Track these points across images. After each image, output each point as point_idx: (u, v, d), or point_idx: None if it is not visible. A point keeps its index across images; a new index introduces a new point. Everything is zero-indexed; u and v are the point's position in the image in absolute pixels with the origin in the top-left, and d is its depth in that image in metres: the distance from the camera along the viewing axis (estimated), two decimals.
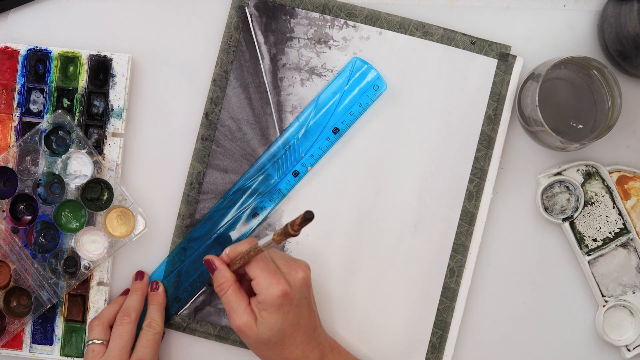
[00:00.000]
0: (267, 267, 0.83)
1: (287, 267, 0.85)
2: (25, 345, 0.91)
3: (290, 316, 0.83)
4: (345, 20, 0.92)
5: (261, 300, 0.82)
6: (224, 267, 0.85)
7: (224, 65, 0.91)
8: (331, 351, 0.87)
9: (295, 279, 0.84)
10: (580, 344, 0.93)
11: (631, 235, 0.92)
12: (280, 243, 0.79)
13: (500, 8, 0.93)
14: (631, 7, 0.85)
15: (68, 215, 0.91)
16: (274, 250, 0.86)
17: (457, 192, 0.92)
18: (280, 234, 0.77)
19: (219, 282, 0.85)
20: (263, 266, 0.83)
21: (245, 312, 0.83)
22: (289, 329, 0.83)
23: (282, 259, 0.85)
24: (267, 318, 0.82)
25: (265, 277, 0.82)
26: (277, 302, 0.82)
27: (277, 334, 0.83)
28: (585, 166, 0.91)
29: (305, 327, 0.84)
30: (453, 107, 0.92)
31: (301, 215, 0.74)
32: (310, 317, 0.85)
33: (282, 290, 0.82)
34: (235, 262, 0.85)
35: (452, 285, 0.92)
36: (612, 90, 0.86)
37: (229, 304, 0.84)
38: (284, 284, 0.82)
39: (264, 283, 0.82)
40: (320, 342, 0.86)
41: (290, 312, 0.83)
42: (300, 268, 0.85)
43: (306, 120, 0.91)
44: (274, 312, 0.82)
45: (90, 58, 0.91)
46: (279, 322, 0.82)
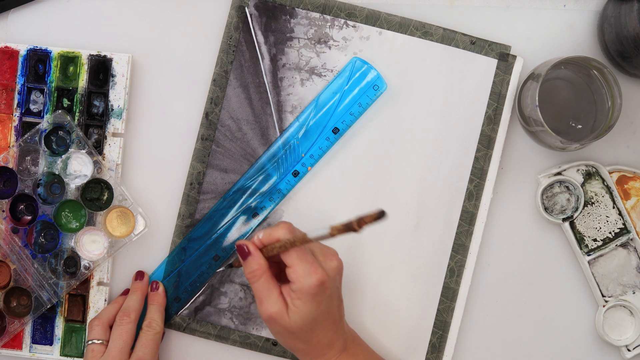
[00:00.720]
0: (305, 256, 0.80)
1: (322, 255, 0.83)
2: (25, 345, 0.91)
3: (323, 305, 0.81)
4: (345, 20, 0.92)
5: (297, 288, 0.80)
6: (258, 254, 0.82)
7: (224, 65, 0.91)
8: (353, 342, 0.86)
9: (330, 268, 0.82)
10: (580, 344, 0.93)
11: (631, 235, 0.92)
12: (335, 237, 0.76)
13: (500, 8, 0.93)
14: (631, 7, 0.85)
15: (68, 215, 0.91)
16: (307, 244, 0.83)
17: (457, 192, 0.92)
18: (341, 229, 0.75)
19: (252, 269, 0.82)
20: (301, 254, 0.80)
21: (278, 300, 0.81)
22: (320, 318, 0.81)
23: (317, 246, 0.83)
24: (301, 307, 0.80)
25: (303, 265, 0.80)
26: (313, 291, 0.80)
27: (309, 323, 0.81)
28: (585, 166, 0.91)
29: (334, 316, 0.83)
30: (453, 107, 0.92)
31: (374, 214, 0.72)
32: (339, 306, 0.84)
33: (319, 280, 0.80)
34: (271, 249, 0.82)
35: (452, 285, 0.92)
36: (612, 90, 0.86)
37: (261, 291, 0.82)
38: (322, 273, 0.80)
39: (302, 272, 0.80)
40: (344, 332, 0.85)
41: (323, 301, 0.81)
42: (334, 256, 0.83)
43: (306, 120, 0.91)
44: (308, 301, 0.80)
45: (90, 58, 0.91)
46: (312, 311, 0.81)
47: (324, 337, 0.83)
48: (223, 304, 0.92)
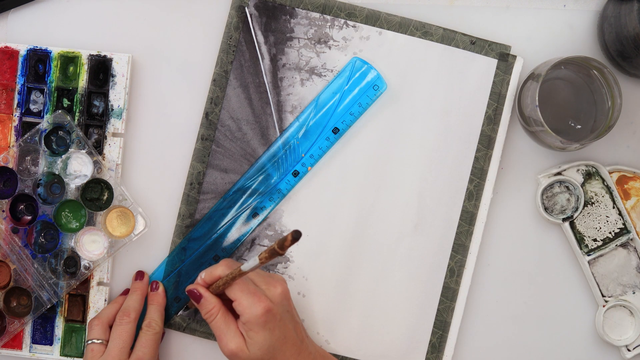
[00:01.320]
0: (246, 287, 0.83)
1: (265, 283, 0.85)
2: (25, 345, 0.91)
3: (277, 332, 0.83)
4: (345, 20, 0.92)
5: (246, 320, 0.83)
6: (209, 294, 0.86)
7: (224, 65, 0.91)
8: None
9: (275, 294, 0.84)
10: (580, 344, 0.93)
11: (631, 235, 0.92)
12: (264, 264, 0.79)
13: (500, 8, 0.93)
14: (631, 7, 0.85)
15: (68, 215, 0.91)
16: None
17: (457, 192, 0.92)
18: (268, 256, 0.77)
19: (207, 309, 0.85)
20: (243, 287, 0.83)
21: (236, 335, 0.84)
22: (278, 344, 0.83)
23: (259, 276, 0.86)
24: (255, 338, 0.83)
25: (246, 297, 0.83)
26: (261, 320, 0.82)
27: (267, 352, 0.83)
28: (585, 166, 0.91)
29: (293, 339, 0.84)
30: (453, 107, 0.92)
31: (289, 236, 0.74)
32: (295, 329, 0.85)
33: (264, 308, 0.82)
34: (216, 287, 0.85)
35: (452, 285, 0.92)
36: (612, 90, 0.86)
37: (219, 329, 0.84)
38: (265, 301, 0.83)
39: (246, 303, 0.83)
40: (310, 353, 0.86)
41: (276, 327, 0.83)
42: (278, 282, 0.85)
43: (306, 120, 0.92)
44: (260, 331, 0.83)
45: (90, 58, 0.91)
46: (267, 339, 0.83)
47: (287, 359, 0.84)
48: None
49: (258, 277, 0.86)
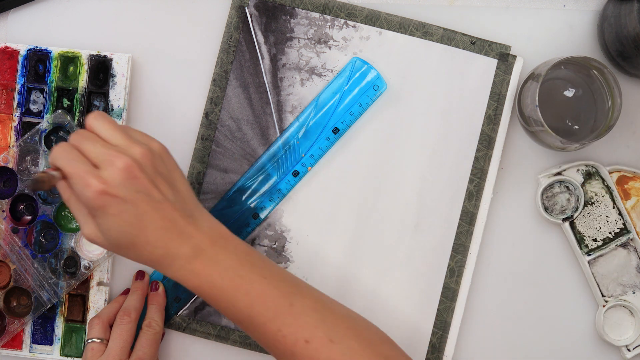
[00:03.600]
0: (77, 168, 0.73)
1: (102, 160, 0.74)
2: (25, 345, 0.91)
3: (126, 216, 0.73)
4: (345, 20, 0.92)
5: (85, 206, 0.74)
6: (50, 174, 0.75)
7: (224, 65, 0.91)
8: (213, 244, 0.76)
9: (112, 175, 0.73)
10: (580, 344, 0.93)
11: (631, 235, 0.92)
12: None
13: (500, 8, 0.93)
14: (631, 7, 0.85)
15: (68, 215, 0.91)
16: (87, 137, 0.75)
17: (457, 192, 0.92)
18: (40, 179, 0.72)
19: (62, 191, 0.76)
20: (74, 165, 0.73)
21: (88, 219, 0.75)
22: (131, 230, 0.73)
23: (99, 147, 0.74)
24: (102, 224, 0.73)
25: (75, 180, 0.73)
26: (98, 204, 0.72)
27: (122, 237, 0.74)
28: (585, 166, 0.91)
29: (155, 223, 0.74)
30: (453, 107, 0.92)
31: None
32: (158, 210, 0.74)
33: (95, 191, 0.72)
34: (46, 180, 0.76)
35: (452, 285, 0.92)
36: (612, 90, 0.86)
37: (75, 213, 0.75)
38: (96, 183, 0.72)
39: (77, 187, 0.73)
40: (193, 236, 0.76)
41: (124, 212, 0.73)
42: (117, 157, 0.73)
43: (306, 120, 0.92)
44: (103, 216, 0.73)
45: (90, 58, 0.91)
46: (114, 224, 0.73)
47: (155, 247, 0.74)
48: None
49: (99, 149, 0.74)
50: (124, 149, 0.75)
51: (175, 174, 0.78)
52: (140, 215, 0.74)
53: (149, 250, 0.75)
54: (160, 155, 0.77)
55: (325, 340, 0.76)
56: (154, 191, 0.75)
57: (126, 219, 0.73)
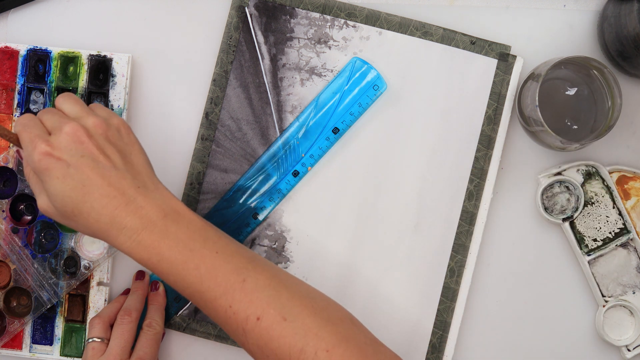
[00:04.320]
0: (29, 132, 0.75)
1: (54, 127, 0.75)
2: (25, 345, 0.91)
3: (69, 181, 0.73)
4: (345, 20, 0.92)
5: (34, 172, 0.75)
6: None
7: (224, 65, 0.91)
8: (164, 217, 0.75)
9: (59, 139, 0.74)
10: (580, 344, 0.93)
11: (631, 235, 0.92)
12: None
13: (500, 8, 0.93)
14: (631, 7, 0.85)
15: None
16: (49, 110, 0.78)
17: (457, 192, 0.92)
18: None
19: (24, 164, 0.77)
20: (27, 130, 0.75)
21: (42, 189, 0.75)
22: (76, 195, 0.73)
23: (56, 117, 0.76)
24: (48, 189, 0.73)
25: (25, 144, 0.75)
26: (42, 167, 0.73)
27: (67, 203, 0.73)
28: (585, 166, 0.91)
29: (100, 190, 0.73)
30: (453, 107, 0.92)
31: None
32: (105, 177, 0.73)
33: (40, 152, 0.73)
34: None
35: (452, 285, 0.92)
36: (612, 90, 0.86)
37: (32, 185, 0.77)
38: (42, 145, 0.73)
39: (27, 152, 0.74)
40: (142, 207, 0.74)
41: (67, 176, 0.73)
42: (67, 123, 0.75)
43: (306, 120, 0.92)
44: (48, 180, 0.73)
45: (90, 58, 0.91)
46: (59, 189, 0.73)
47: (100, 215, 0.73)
48: None
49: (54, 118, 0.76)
50: (78, 118, 0.76)
51: (132, 147, 0.77)
52: (84, 180, 0.73)
53: (95, 218, 0.73)
54: (118, 128, 0.78)
55: (278, 318, 0.74)
56: (101, 157, 0.74)
57: (70, 183, 0.73)
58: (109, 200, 0.73)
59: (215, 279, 0.75)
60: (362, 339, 0.75)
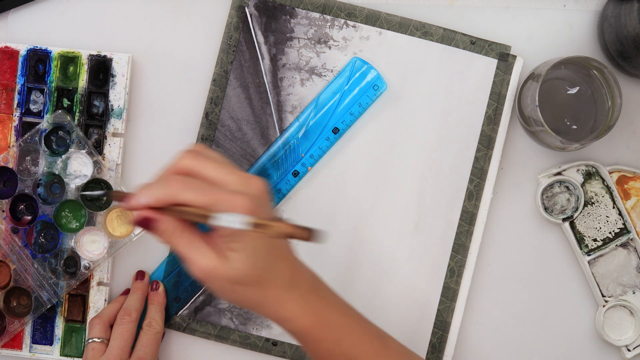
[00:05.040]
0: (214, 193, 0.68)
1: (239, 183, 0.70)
2: (25, 345, 0.91)
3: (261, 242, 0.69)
4: (345, 20, 0.92)
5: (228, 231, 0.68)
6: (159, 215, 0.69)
7: (224, 65, 0.91)
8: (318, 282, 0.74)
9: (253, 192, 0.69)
10: (580, 344, 0.93)
11: (631, 235, 0.92)
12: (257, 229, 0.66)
13: (500, 8, 0.93)
14: (631, 7, 0.85)
15: (68, 215, 0.91)
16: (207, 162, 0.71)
17: (457, 192, 0.92)
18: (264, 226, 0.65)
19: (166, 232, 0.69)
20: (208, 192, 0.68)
21: (206, 249, 0.69)
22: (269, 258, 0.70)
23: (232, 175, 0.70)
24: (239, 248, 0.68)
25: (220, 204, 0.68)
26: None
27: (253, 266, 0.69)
28: (585, 166, 0.91)
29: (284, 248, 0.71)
30: (453, 107, 0.92)
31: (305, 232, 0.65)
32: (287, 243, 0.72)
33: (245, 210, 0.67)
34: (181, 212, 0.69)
35: (452, 285, 0.92)
36: (612, 90, 0.86)
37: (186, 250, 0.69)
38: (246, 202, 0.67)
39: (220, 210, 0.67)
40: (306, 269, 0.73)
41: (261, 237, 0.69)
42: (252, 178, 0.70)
43: (306, 120, 0.92)
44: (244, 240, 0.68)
45: (90, 58, 0.91)
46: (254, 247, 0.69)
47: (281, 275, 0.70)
48: (223, 304, 0.92)
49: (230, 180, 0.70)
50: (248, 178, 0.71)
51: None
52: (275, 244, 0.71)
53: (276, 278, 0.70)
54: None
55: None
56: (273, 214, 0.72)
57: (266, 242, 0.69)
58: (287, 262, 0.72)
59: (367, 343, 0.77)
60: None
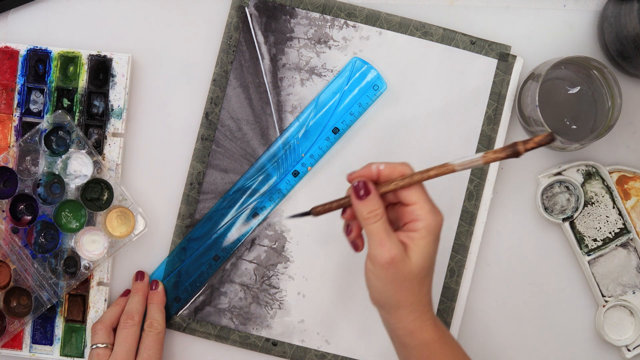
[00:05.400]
0: (426, 193, 0.77)
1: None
2: (25, 345, 0.91)
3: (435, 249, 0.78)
4: (345, 20, 0.92)
5: (423, 226, 0.76)
6: (377, 193, 0.77)
7: (224, 65, 0.91)
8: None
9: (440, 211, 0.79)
10: (580, 344, 0.93)
11: (631, 235, 0.92)
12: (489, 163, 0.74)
13: (500, 8, 0.93)
14: (631, 7, 0.85)
15: (68, 215, 0.91)
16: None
17: (457, 192, 0.92)
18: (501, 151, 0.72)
19: (372, 208, 0.76)
20: (425, 193, 0.77)
21: (397, 241, 0.76)
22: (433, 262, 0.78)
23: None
24: (425, 247, 0.76)
25: (428, 202, 0.77)
26: (438, 231, 0.77)
27: (427, 268, 0.76)
28: (585, 166, 0.91)
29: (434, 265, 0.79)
30: (453, 107, 0.92)
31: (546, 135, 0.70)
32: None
33: (442, 218, 0.77)
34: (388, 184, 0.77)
35: (452, 285, 0.92)
36: (612, 90, 0.86)
37: (379, 233, 0.76)
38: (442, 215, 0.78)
39: (429, 208, 0.76)
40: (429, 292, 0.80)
41: (438, 243, 0.78)
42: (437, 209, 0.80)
43: (306, 120, 0.92)
44: (432, 242, 0.76)
45: (90, 58, 0.91)
46: (431, 253, 0.77)
47: (429, 289, 0.78)
48: (223, 304, 0.92)
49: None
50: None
51: None
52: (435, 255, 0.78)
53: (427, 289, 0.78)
54: None
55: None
56: None
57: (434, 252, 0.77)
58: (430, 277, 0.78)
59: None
60: None
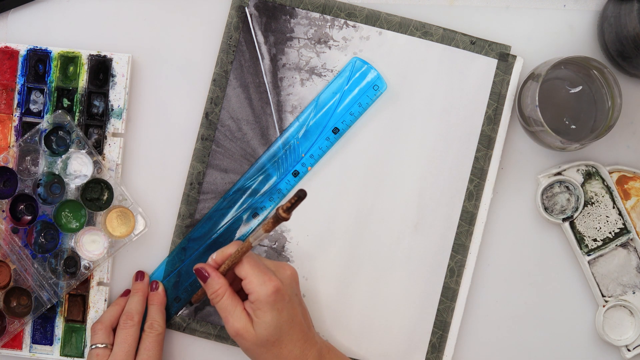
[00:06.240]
0: (257, 265, 0.83)
1: (274, 266, 0.85)
2: (25, 345, 0.91)
3: (284, 313, 0.82)
4: (345, 20, 0.92)
5: (254, 299, 0.82)
6: (216, 273, 0.85)
7: (224, 65, 0.91)
8: (328, 352, 0.87)
9: (284, 276, 0.84)
10: (580, 344, 0.93)
11: (631, 235, 0.92)
12: (270, 231, 0.79)
13: (500, 8, 0.93)
14: (631, 7, 0.85)
15: (68, 215, 0.91)
16: (257, 255, 0.86)
17: (457, 192, 0.92)
18: (270, 222, 0.78)
19: (213, 289, 0.84)
20: (253, 265, 0.83)
21: (242, 315, 0.83)
22: (285, 327, 0.83)
23: (268, 260, 0.86)
24: (263, 317, 0.82)
25: (256, 275, 0.82)
26: (270, 299, 0.82)
27: (274, 333, 0.82)
28: (585, 166, 0.91)
29: (300, 324, 0.84)
30: (453, 107, 0.92)
31: (294, 197, 0.75)
32: (303, 314, 0.85)
33: (274, 287, 0.82)
34: (226, 265, 0.85)
35: (452, 285, 0.92)
36: (612, 90, 0.86)
37: (226, 309, 0.84)
38: (276, 280, 0.82)
39: (257, 281, 0.82)
40: (316, 342, 0.85)
41: (284, 308, 0.82)
42: (287, 266, 0.85)
43: (306, 120, 0.92)
44: (268, 310, 0.82)
45: (90, 58, 0.91)
46: (274, 319, 0.82)
47: (294, 347, 0.83)
48: None
49: (268, 261, 0.86)
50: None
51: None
52: (294, 316, 0.83)
53: (290, 348, 0.83)
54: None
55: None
56: (302, 299, 0.87)
57: (285, 317, 0.83)
58: (301, 335, 0.84)
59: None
60: None
